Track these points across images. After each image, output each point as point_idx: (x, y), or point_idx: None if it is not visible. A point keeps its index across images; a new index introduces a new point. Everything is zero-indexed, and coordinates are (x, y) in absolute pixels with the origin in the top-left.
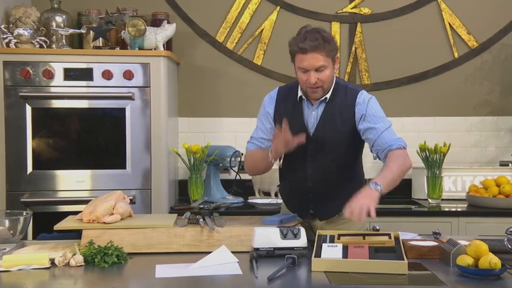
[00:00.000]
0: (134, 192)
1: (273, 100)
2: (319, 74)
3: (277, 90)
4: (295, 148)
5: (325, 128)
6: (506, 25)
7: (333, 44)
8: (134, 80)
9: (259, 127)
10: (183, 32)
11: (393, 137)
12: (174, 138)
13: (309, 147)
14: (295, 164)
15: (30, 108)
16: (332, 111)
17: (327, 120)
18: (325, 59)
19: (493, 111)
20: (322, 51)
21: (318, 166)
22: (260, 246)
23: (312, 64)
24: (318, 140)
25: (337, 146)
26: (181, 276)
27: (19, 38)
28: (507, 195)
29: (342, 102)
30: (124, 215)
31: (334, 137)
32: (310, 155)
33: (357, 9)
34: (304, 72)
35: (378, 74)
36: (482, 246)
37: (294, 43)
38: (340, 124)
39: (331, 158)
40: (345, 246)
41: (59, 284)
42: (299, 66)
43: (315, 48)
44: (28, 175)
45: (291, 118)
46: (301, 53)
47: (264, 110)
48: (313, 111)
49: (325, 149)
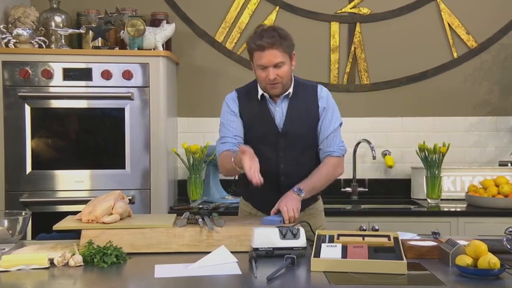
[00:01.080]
0: (133, 192)
1: (235, 100)
2: (278, 70)
3: (236, 91)
4: (267, 145)
5: (293, 122)
6: (505, 25)
7: (289, 40)
8: (133, 80)
9: (226, 125)
10: (182, 32)
11: (337, 142)
12: (173, 138)
13: (279, 142)
14: (266, 160)
15: (29, 108)
16: (296, 105)
17: (294, 114)
18: (283, 55)
19: (492, 111)
20: (279, 48)
21: (290, 159)
22: (259, 246)
23: (270, 60)
24: (287, 135)
25: (306, 138)
26: (180, 276)
27: (18, 38)
28: (506, 195)
29: (305, 97)
30: (123, 215)
31: (303, 130)
32: (281, 150)
33: (356, 9)
34: (263, 69)
35: (377, 74)
36: (481, 246)
37: (251, 41)
38: (306, 117)
39: (301, 150)
40: (344, 246)
41: (58, 284)
42: (258, 63)
43: (272, 45)
44: (27, 175)
45: (258, 116)
46: (259, 51)
47: (229, 109)
48: (278, 108)
49: (296, 142)
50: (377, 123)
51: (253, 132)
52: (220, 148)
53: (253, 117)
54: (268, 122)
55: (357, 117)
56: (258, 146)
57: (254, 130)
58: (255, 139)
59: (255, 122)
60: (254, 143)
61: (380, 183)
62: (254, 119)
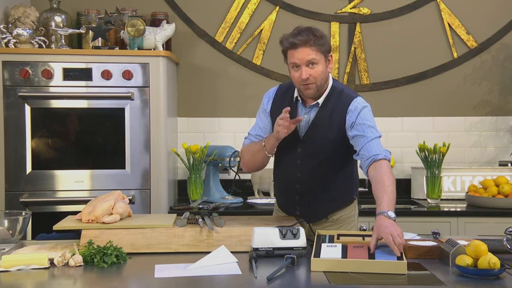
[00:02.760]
0: (133, 192)
1: (271, 98)
2: (311, 70)
3: (277, 88)
4: (286, 150)
5: (315, 133)
6: (505, 25)
7: (325, 40)
8: (133, 80)
9: (257, 124)
10: (182, 32)
11: (380, 148)
12: (173, 138)
13: (298, 150)
14: (285, 166)
15: (29, 108)
16: (323, 116)
17: (318, 125)
18: (316, 53)
19: (492, 111)
20: (313, 46)
21: (305, 169)
22: (259, 246)
23: (302, 58)
24: (307, 143)
25: (325, 151)
26: (180, 276)
27: (18, 38)
28: (506, 195)
29: (334, 107)
30: (123, 215)
31: (323, 142)
32: (299, 158)
33: (356, 9)
34: (297, 68)
35: (377, 74)
36: (481, 246)
37: (284, 40)
38: (329, 129)
39: (318, 162)
40: (344, 246)
41: (58, 284)
42: (290, 61)
43: (305, 43)
44: (27, 175)
45: None
46: (291, 49)
47: (263, 107)
48: (306, 115)
49: (314, 153)
50: (377, 123)
51: None
52: (244, 143)
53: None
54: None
55: None
56: (279, 149)
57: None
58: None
59: None
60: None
61: None
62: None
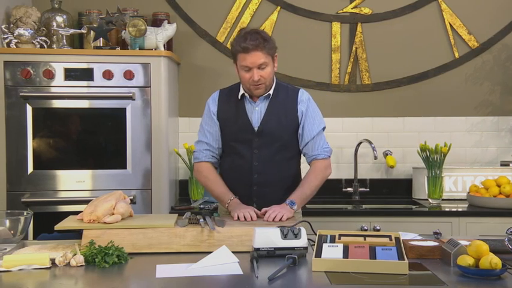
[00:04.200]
0: (135, 192)
1: (215, 101)
2: (261, 72)
3: (219, 92)
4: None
5: (270, 122)
6: (506, 25)
7: (271, 42)
8: (135, 80)
9: (206, 130)
10: (183, 32)
11: (321, 145)
12: (174, 138)
13: (254, 141)
14: (241, 156)
15: (31, 108)
16: (275, 106)
17: (272, 115)
18: (266, 56)
19: (493, 111)
20: (263, 50)
21: (263, 158)
22: (261, 246)
23: (254, 62)
24: (263, 134)
25: (281, 139)
26: (181, 276)
27: (20, 38)
28: (508, 195)
29: (285, 99)
30: (124, 215)
31: (278, 130)
32: (255, 148)
33: (358, 9)
34: (247, 70)
35: (379, 74)
36: (482, 246)
37: (235, 44)
38: (283, 119)
39: (275, 150)
40: (346, 246)
41: (60, 284)
42: (242, 64)
43: (256, 47)
44: (29, 175)
45: (235, 115)
46: (243, 52)
47: (209, 110)
48: (257, 107)
49: (270, 142)
50: (378, 123)
51: (228, 129)
52: (200, 155)
53: (229, 116)
54: (244, 120)
55: (358, 117)
56: (232, 143)
57: (229, 127)
58: (230, 136)
59: (231, 120)
60: (229, 139)
61: (381, 183)
62: (230, 117)
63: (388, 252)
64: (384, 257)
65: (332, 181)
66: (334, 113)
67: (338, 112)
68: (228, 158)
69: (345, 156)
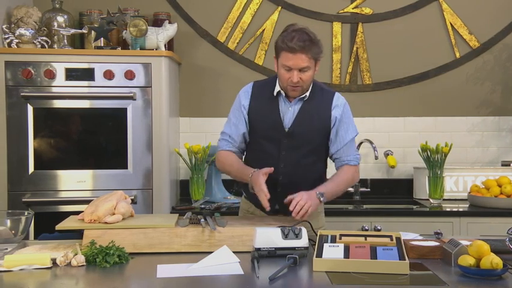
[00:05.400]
0: (135, 192)
1: (248, 94)
2: (302, 74)
3: (252, 85)
4: (270, 141)
5: (302, 125)
6: (507, 25)
7: (319, 46)
8: (135, 80)
9: (232, 122)
10: (184, 32)
11: (352, 152)
12: (175, 138)
13: (283, 142)
14: (268, 156)
15: (32, 108)
16: (309, 109)
17: (304, 117)
18: (310, 60)
19: (494, 111)
20: (309, 53)
21: (290, 161)
22: (261, 246)
23: (297, 64)
24: (293, 136)
25: (310, 143)
26: (182, 276)
27: (21, 38)
28: (508, 195)
29: (319, 102)
30: (125, 215)
31: (309, 134)
32: (284, 149)
33: (358, 9)
34: (288, 70)
35: (379, 74)
36: (483, 247)
37: (282, 40)
38: (316, 122)
39: (303, 154)
40: (347, 246)
41: (61, 284)
42: (284, 63)
43: (302, 49)
44: (30, 175)
45: (266, 112)
46: (288, 52)
47: (239, 103)
48: (290, 108)
49: (299, 145)
50: (379, 123)
51: (258, 125)
52: (222, 144)
53: (261, 112)
54: (276, 119)
55: (359, 117)
56: (261, 141)
57: (260, 124)
58: (259, 132)
59: (262, 117)
60: (257, 136)
61: (382, 183)
62: (262, 113)
63: (389, 252)
64: (384, 257)
65: None
66: None
67: None
68: (254, 155)
69: None
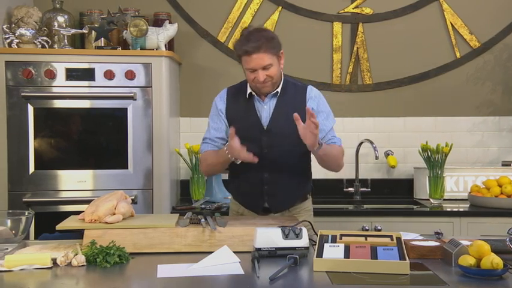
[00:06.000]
0: (136, 192)
1: (223, 99)
2: (267, 71)
3: (226, 90)
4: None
5: (279, 120)
6: (508, 25)
7: (275, 41)
8: (136, 80)
9: (212, 127)
10: (184, 32)
11: (335, 137)
12: (175, 138)
13: (263, 140)
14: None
15: (32, 108)
16: (284, 104)
17: (280, 112)
18: (270, 57)
19: (495, 111)
20: (266, 51)
21: (274, 157)
22: (262, 246)
23: (258, 64)
24: (272, 132)
25: (290, 137)
26: (183, 276)
27: (21, 38)
28: (509, 195)
29: (293, 96)
30: (126, 215)
31: (288, 129)
32: (266, 147)
33: (359, 9)
34: (252, 71)
35: (380, 73)
36: (484, 247)
37: (238, 46)
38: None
39: (286, 149)
40: (347, 246)
41: (61, 283)
42: (246, 67)
43: (258, 49)
44: (30, 175)
45: (244, 114)
46: (246, 55)
47: (216, 109)
48: (265, 105)
49: (280, 140)
50: (379, 123)
51: (238, 127)
52: (203, 147)
53: (238, 115)
54: (253, 119)
55: (360, 117)
56: (242, 141)
57: (239, 125)
58: (239, 134)
59: (239, 119)
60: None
61: (382, 183)
62: (239, 116)
63: (389, 252)
64: (385, 257)
65: (333, 181)
66: (335, 113)
67: (339, 112)
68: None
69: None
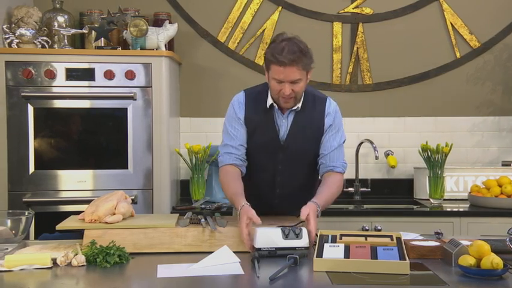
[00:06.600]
0: (136, 192)
1: (242, 105)
2: (294, 86)
3: (244, 95)
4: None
5: (296, 137)
6: (508, 25)
7: (309, 56)
8: (136, 80)
9: (232, 134)
10: (184, 32)
11: (340, 159)
12: (175, 138)
13: (279, 156)
14: (264, 169)
15: (32, 108)
16: (302, 120)
17: (298, 129)
18: (301, 72)
19: (495, 111)
20: (300, 65)
21: (287, 173)
22: (262, 246)
23: (287, 77)
24: (288, 149)
25: (307, 155)
26: (183, 276)
27: (21, 38)
28: (509, 195)
29: (311, 111)
30: (126, 215)
31: (304, 146)
32: (280, 163)
33: (359, 9)
34: (279, 83)
35: (380, 74)
36: (484, 246)
37: (270, 53)
38: (310, 133)
39: (300, 166)
40: (347, 246)
41: (61, 283)
42: (274, 77)
43: (292, 62)
44: (30, 175)
45: (263, 124)
46: (278, 65)
47: (235, 115)
48: (284, 120)
49: (296, 157)
50: (379, 123)
51: (254, 139)
52: (224, 159)
53: (257, 125)
54: (272, 132)
55: (360, 117)
56: (257, 154)
57: (256, 138)
58: (255, 147)
59: (258, 130)
60: (254, 151)
61: (383, 183)
62: (258, 127)
63: (389, 252)
64: (385, 257)
65: None
66: None
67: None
68: (249, 169)
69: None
